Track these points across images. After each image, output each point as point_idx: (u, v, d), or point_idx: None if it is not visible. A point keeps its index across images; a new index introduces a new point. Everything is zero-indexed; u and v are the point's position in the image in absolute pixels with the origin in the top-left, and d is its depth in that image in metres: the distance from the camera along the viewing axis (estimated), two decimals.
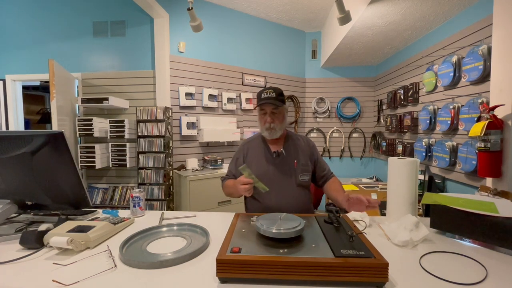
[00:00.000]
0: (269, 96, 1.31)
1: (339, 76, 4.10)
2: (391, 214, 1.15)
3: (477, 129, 1.56)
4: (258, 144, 1.44)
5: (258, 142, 1.45)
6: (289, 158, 1.38)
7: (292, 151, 1.40)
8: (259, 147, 1.43)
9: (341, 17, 2.13)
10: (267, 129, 1.34)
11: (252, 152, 1.42)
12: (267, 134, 1.37)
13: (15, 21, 2.95)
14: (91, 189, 2.90)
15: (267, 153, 1.39)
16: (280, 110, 1.35)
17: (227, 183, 1.39)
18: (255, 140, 1.48)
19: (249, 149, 1.44)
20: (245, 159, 1.42)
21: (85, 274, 0.70)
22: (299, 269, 0.65)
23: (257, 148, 1.43)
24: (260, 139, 1.46)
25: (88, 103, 2.61)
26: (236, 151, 1.50)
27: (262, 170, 1.35)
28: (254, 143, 1.46)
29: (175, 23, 2.95)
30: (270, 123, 1.33)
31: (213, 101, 3.24)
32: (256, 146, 1.44)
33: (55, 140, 0.94)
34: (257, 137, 1.48)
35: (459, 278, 0.67)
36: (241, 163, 1.38)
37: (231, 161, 1.50)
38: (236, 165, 1.43)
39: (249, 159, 1.41)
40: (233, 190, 1.31)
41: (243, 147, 1.46)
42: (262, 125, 1.36)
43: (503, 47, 1.56)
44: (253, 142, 1.47)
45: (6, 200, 1.06)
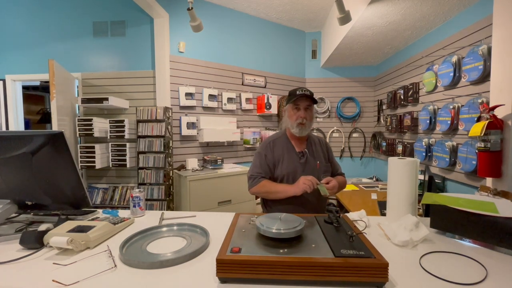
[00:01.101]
0: (305, 93, 1.34)
1: (339, 76, 4.10)
2: (391, 214, 1.15)
3: (477, 129, 1.56)
4: (284, 142, 1.43)
5: (284, 140, 1.44)
6: (311, 158, 1.40)
7: (314, 152, 1.42)
8: (285, 146, 1.42)
9: (341, 17, 2.13)
10: (299, 124, 1.35)
11: (279, 150, 1.40)
12: (297, 131, 1.37)
13: (15, 21, 2.95)
14: (91, 189, 2.90)
15: (293, 153, 1.40)
16: (312, 108, 1.40)
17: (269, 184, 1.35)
18: (280, 138, 1.45)
19: (275, 147, 1.42)
20: (273, 156, 1.39)
21: (85, 274, 0.70)
22: (299, 269, 0.65)
23: (283, 146, 1.42)
24: (285, 137, 1.45)
25: (88, 103, 2.61)
26: (259, 148, 1.46)
27: (291, 169, 1.36)
28: (280, 142, 1.44)
29: (175, 23, 2.95)
30: (303, 117, 1.34)
31: (213, 101, 3.24)
32: (282, 144, 1.42)
33: (55, 140, 0.94)
34: (282, 136, 1.47)
35: (459, 278, 0.67)
36: (270, 160, 1.38)
37: (256, 158, 1.44)
38: (266, 160, 1.39)
39: (277, 157, 1.39)
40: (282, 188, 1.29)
41: (268, 145, 1.43)
42: (294, 120, 1.36)
43: (503, 47, 1.56)
44: (279, 140, 1.45)
45: (6, 200, 1.06)
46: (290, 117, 1.40)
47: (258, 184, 1.36)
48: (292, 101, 1.36)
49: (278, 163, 1.38)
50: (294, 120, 1.37)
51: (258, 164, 1.41)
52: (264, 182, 1.36)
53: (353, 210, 2.14)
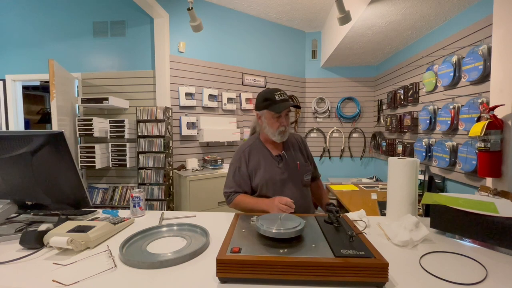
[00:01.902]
0: (285, 98, 1.26)
1: (339, 76, 4.10)
2: (391, 214, 1.15)
3: (477, 129, 1.56)
4: (259, 148, 1.36)
5: (258, 146, 1.36)
6: (290, 160, 1.34)
7: (292, 153, 1.36)
8: (261, 152, 1.34)
9: (341, 17, 2.13)
10: (281, 132, 1.28)
11: (254, 158, 1.33)
12: (278, 138, 1.29)
13: (15, 21, 2.95)
14: (91, 189, 2.90)
15: (270, 158, 1.33)
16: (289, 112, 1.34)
17: (243, 199, 1.29)
18: (254, 145, 1.37)
19: (250, 155, 1.34)
20: (248, 166, 1.32)
21: (85, 274, 0.70)
22: (299, 269, 0.65)
23: (259, 153, 1.34)
24: (259, 143, 1.37)
25: (88, 103, 2.61)
26: (232, 159, 1.37)
27: (269, 175, 1.29)
28: (254, 148, 1.36)
29: (175, 23, 2.95)
30: (286, 125, 1.28)
31: (213, 101, 3.24)
32: (257, 151, 1.35)
33: (55, 140, 0.94)
34: (255, 142, 1.38)
35: (459, 278, 0.67)
36: (244, 172, 1.31)
37: (230, 172, 1.36)
38: (240, 173, 1.32)
39: (253, 165, 1.32)
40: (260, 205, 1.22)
41: (242, 154, 1.35)
42: (276, 128, 1.28)
43: (503, 47, 1.56)
44: (253, 146, 1.36)
45: (6, 200, 1.06)
46: (271, 125, 1.29)
47: (232, 201, 1.31)
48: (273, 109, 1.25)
49: (255, 172, 1.31)
50: (276, 128, 1.27)
51: (231, 179, 1.34)
52: (238, 199, 1.30)
53: (353, 210, 2.14)
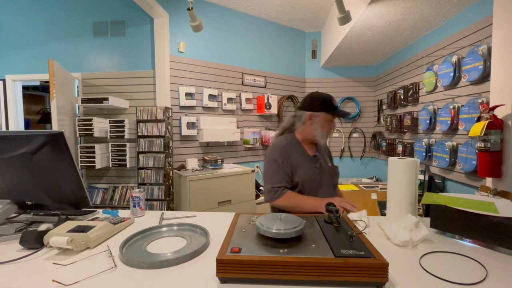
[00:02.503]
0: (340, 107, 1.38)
1: (339, 76, 4.10)
2: (391, 214, 1.15)
3: (477, 129, 1.56)
4: (297, 147, 1.38)
5: (296, 145, 1.38)
6: (323, 162, 1.40)
7: (322, 155, 1.42)
8: (299, 151, 1.37)
9: (341, 17, 2.13)
10: (328, 135, 1.38)
11: (294, 155, 1.34)
12: (323, 140, 1.37)
13: (15, 21, 2.95)
14: (91, 189, 2.90)
15: (308, 157, 1.36)
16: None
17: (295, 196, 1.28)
18: (292, 143, 1.38)
19: (289, 152, 1.34)
20: (289, 163, 1.32)
21: (85, 274, 0.70)
22: (299, 269, 0.65)
23: (297, 151, 1.36)
24: (297, 142, 1.39)
25: (88, 103, 2.61)
26: (272, 155, 1.35)
27: (309, 175, 1.32)
28: (293, 146, 1.37)
29: (175, 23, 2.95)
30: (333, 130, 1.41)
31: (213, 101, 3.24)
32: (296, 149, 1.37)
33: (55, 140, 0.94)
34: (292, 140, 1.40)
35: (459, 278, 0.67)
36: (287, 167, 1.31)
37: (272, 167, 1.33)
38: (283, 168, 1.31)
39: (293, 162, 1.33)
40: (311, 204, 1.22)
41: (282, 150, 1.34)
42: (326, 131, 1.34)
43: (503, 47, 1.56)
44: (291, 145, 1.38)
45: (6, 200, 1.06)
46: (323, 127, 1.33)
47: (282, 196, 1.27)
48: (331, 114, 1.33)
49: (295, 169, 1.32)
50: (327, 131, 1.34)
51: (276, 174, 1.31)
52: (289, 194, 1.28)
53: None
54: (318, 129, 1.33)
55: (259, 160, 3.74)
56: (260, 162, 3.75)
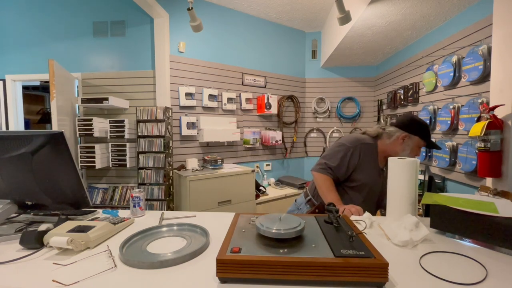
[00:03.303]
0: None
1: (339, 76, 4.10)
2: (391, 214, 1.15)
3: (477, 129, 1.56)
4: (373, 151, 1.41)
5: (373, 150, 1.41)
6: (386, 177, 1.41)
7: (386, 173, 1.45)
8: (373, 155, 1.41)
9: (341, 17, 2.13)
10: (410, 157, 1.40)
11: (366, 157, 1.38)
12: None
13: (15, 21, 2.95)
14: (91, 189, 2.90)
15: (377, 165, 1.41)
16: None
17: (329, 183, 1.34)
18: (371, 146, 1.41)
19: (363, 152, 1.38)
20: (358, 159, 1.36)
21: (85, 274, 0.70)
22: (299, 269, 0.65)
23: (371, 154, 1.40)
24: (375, 148, 1.42)
25: (88, 103, 2.61)
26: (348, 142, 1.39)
27: (371, 180, 1.38)
28: (369, 150, 1.40)
29: (175, 23, 2.95)
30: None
31: (213, 101, 3.24)
32: (371, 152, 1.40)
33: (55, 140, 0.94)
34: (372, 145, 1.42)
35: (459, 278, 0.67)
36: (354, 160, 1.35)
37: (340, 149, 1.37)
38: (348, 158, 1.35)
39: (361, 161, 1.37)
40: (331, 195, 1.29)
41: (359, 144, 1.38)
42: (413, 155, 1.38)
43: (503, 47, 1.56)
44: (369, 146, 1.40)
45: (6, 200, 1.06)
46: (413, 150, 1.38)
47: (322, 174, 1.35)
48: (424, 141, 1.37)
49: (359, 167, 1.36)
50: (414, 155, 1.38)
51: (339, 157, 1.35)
52: (328, 179, 1.34)
53: None
54: (407, 151, 1.38)
55: (259, 160, 3.74)
56: (260, 162, 3.75)
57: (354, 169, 1.37)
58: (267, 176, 3.81)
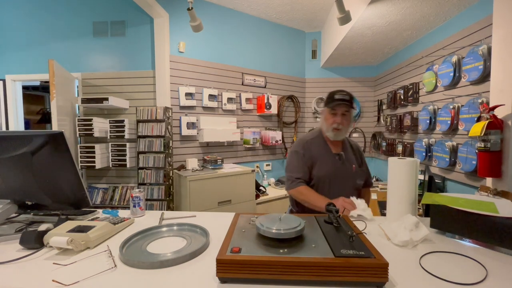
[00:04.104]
0: (344, 98, 1.34)
1: (339, 76, 4.10)
2: (391, 214, 1.15)
3: (477, 129, 1.56)
4: (321, 143, 1.43)
5: (320, 141, 1.43)
6: (347, 161, 1.41)
7: (349, 155, 1.43)
8: (322, 146, 1.41)
9: (341, 17, 2.13)
10: (334, 129, 1.36)
11: (315, 150, 1.40)
12: (332, 135, 1.37)
13: (15, 21, 2.95)
14: (91, 189, 2.90)
15: (329, 154, 1.40)
16: (349, 113, 1.40)
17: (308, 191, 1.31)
18: (317, 138, 1.44)
19: (311, 146, 1.41)
20: (310, 157, 1.38)
21: (85, 274, 0.70)
22: (299, 269, 0.65)
23: (319, 146, 1.41)
24: (322, 138, 1.44)
25: (88, 103, 2.61)
26: (295, 147, 1.43)
27: (326, 169, 1.36)
28: (316, 142, 1.43)
29: (175, 23, 2.95)
30: (339, 123, 1.35)
31: (213, 101, 3.24)
32: (319, 144, 1.42)
33: (55, 140, 0.94)
34: (318, 136, 1.46)
35: (459, 278, 0.67)
36: (308, 160, 1.37)
37: (293, 158, 1.41)
38: (303, 160, 1.37)
39: (314, 156, 1.38)
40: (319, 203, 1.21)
41: (305, 144, 1.41)
42: (330, 124, 1.37)
43: (503, 47, 1.56)
44: (314, 140, 1.43)
45: (6, 200, 1.06)
46: (326, 120, 1.39)
47: (295, 188, 1.34)
48: (330, 106, 1.36)
49: (315, 163, 1.37)
50: (329, 124, 1.37)
51: (296, 165, 1.38)
52: (302, 189, 1.33)
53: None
54: (324, 123, 1.40)
55: (259, 160, 3.74)
56: (260, 162, 3.75)
57: (312, 165, 1.38)
58: (267, 176, 3.81)
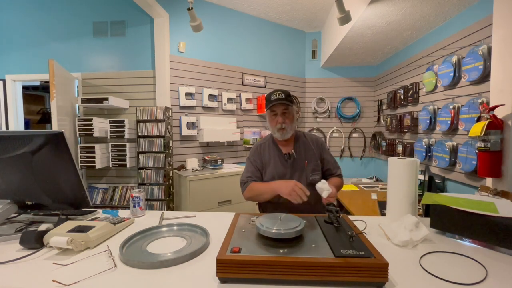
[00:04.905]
0: (279, 97, 1.34)
1: (339, 76, 4.10)
2: (391, 214, 1.15)
3: (477, 129, 1.56)
4: (270, 146, 1.46)
5: (269, 144, 1.47)
6: (299, 159, 1.40)
7: (302, 152, 1.42)
8: (271, 149, 1.44)
9: (341, 17, 2.13)
10: (279, 129, 1.37)
11: (266, 154, 1.44)
12: (278, 135, 1.38)
13: (15, 21, 2.95)
14: (91, 189, 2.90)
15: (279, 155, 1.41)
16: (290, 110, 1.38)
17: (257, 185, 1.35)
18: (266, 142, 1.48)
19: (263, 151, 1.45)
20: (261, 161, 1.43)
21: (85, 274, 0.70)
22: (299, 269, 0.65)
23: (269, 150, 1.44)
24: (271, 141, 1.47)
25: (88, 103, 2.61)
26: (249, 155, 1.50)
27: (277, 171, 1.38)
28: (266, 145, 1.47)
29: (175, 23, 2.95)
30: (282, 123, 1.35)
31: (213, 101, 3.24)
32: (268, 148, 1.45)
33: (55, 140, 0.94)
34: (268, 140, 1.49)
35: (459, 278, 0.67)
36: (258, 165, 1.41)
37: (246, 164, 1.48)
38: (255, 164, 1.42)
39: (265, 161, 1.42)
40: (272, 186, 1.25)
41: (256, 149, 1.47)
42: (273, 126, 1.39)
43: (503, 47, 1.56)
44: (265, 144, 1.47)
45: (6, 200, 1.06)
46: (269, 122, 1.42)
47: (247, 187, 1.38)
48: (268, 108, 1.37)
49: (266, 166, 1.41)
50: (274, 125, 1.38)
51: (247, 169, 1.45)
52: (251, 185, 1.37)
53: (353, 210, 2.14)
54: (269, 125, 1.43)
55: None
56: None
57: (263, 169, 1.42)
58: None
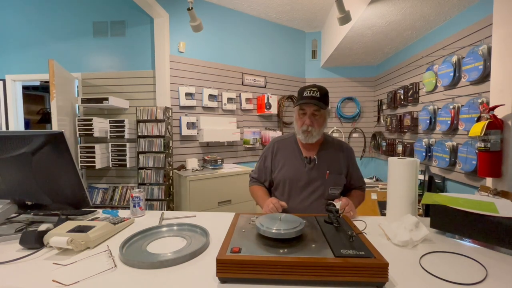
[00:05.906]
0: (313, 95, 1.17)
1: (339, 76, 4.10)
2: (391, 214, 1.15)
3: (477, 129, 1.56)
4: (290, 145, 1.32)
5: (291, 142, 1.33)
6: (321, 167, 1.24)
7: (326, 160, 1.26)
8: (290, 148, 1.31)
9: (341, 17, 2.13)
10: (304, 131, 1.21)
11: (283, 152, 1.31)
12: (302, 137, 1.24)
13: (15, 21, 2.95)
14: (91, 189, 2.90)
15: (298, 157, 1.27)
16: (321, 113, 1.22)
17: (255, 191, 1.35)
18: (288, 140, 1.35)
19: (279, 149, 1.32)
20: (273, 159, 1.32)
21: (85, 274, 0.70)
22: (299, 269, 0.65)
23: (288, 149, 1.31)
24: (293, 140, 1.34)
25: (88, 103, 2.61)
26: (265, 148, 1.38)
27: (292, 175, 1.24)
28: (286, 143, 1.33)
29: (175, 23, 2.95)
30: (308, 125, 1.20)
31: (213, 101, 3.24)
32: (288, 146, 1.32)
33: (55, 140, 0.94)
34: (291, 137, 1.36)
35: (459, 278, 0.67)
36: (268, 164, 1.33)
37: (260, 158, 1.39)
38: (264, 164, 1.36)
39: (278, 159, 1.30)
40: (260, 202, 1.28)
41: (272, 145, 1.34)
42: (299, 126, 1.23)
43: (503, 47, 1.56)
44: (285, 141, 1.34)
45: (6, 200, 1.05)
46: (296, 121, 1.26)
47: (250, 186, 1.41)
48: (298, 104, 1.22)
49: (278, 166, 1.29)
50: (299, 126, 1.23)
51: (258, 166, 1.40)
52: (252, 188, 1.37)
53: None
54: (295, 124, 1.29)
55: None
56: None
57: (273, 169, 1.32)
58: None
